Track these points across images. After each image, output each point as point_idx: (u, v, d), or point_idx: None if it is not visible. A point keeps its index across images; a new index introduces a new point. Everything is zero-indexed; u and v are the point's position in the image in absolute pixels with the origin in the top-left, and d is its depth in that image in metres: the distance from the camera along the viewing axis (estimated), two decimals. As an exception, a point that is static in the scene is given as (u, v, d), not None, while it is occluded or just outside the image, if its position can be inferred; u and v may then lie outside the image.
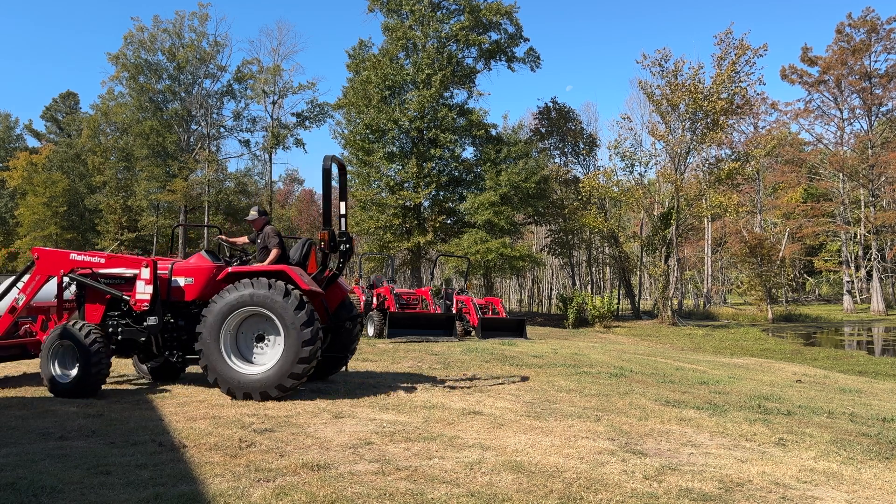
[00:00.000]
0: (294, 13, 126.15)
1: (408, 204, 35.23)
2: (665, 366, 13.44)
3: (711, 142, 35.38)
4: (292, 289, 7.34)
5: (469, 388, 8.77)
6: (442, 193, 36.39)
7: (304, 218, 73.25)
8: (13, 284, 8.49)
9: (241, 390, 7.26)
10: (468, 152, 37.87)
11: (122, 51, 43.98)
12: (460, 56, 36.07)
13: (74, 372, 7.46)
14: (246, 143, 48.61)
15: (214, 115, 46.62)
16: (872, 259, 50.46)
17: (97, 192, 51.16)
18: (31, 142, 68.16)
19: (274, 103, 46.91)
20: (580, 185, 38.81)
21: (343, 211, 8.23)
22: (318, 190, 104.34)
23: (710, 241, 53.31)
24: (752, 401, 8.55)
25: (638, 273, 49.86)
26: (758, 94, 42.39)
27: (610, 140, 58.67)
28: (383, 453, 5.23)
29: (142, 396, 7.69)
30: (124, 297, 7.89)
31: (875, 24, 47.94)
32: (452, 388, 8.75)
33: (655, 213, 38.93)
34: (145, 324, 7.87)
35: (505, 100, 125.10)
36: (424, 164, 34.00)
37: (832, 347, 24.94)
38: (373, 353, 12.86)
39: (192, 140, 46.61)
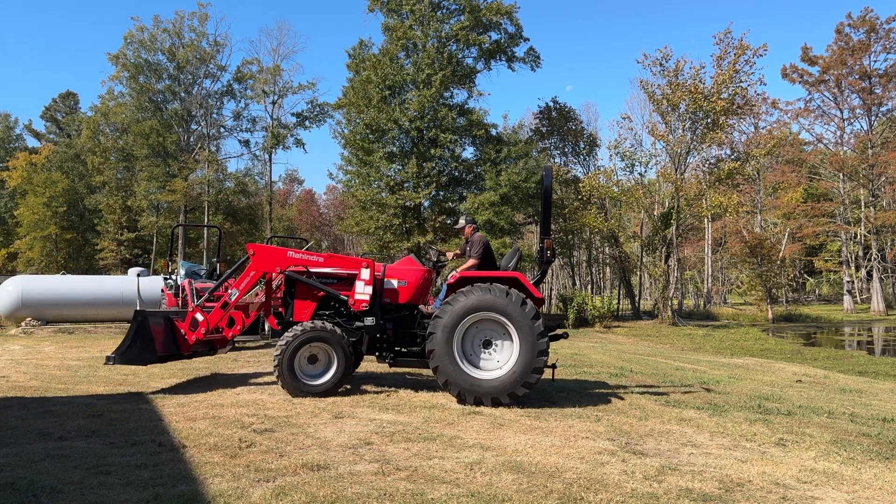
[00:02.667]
0: (294, 13, 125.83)
1: (408, 204, 35.18)
2: (665, 366, 13.45)
3: (712, 142, 35.32)
4: (524, 296, 7.47)
5: (469, 388, 8.76)
6: (442, 193, 36.31)
7: (304, 218, 72.94)
8: (226, 279, 8.56)
9: (473, 395, 7.34)
10: (468, 152, 37.78)
11: (121, 51, 43.92)
12: (460, 56, 36.00)
13: (331, 372, 7.60)
14: (246, 143, 48.58)
15: (214, 115, 46.57)
16: (872, 259, 50.45)
17: (97, 192, 51.10)
18: (31, 142, 68.14)
19: (274, 103, 46.86)
20: (580, 185, 38.76)
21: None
22: (318, 190, 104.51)
23: (710, 241, 53.30)
24: (753, 401, 8.55)
25: (638, 273, 49.81)
26: (758, 94, 42.37)
27: (610, 140, 58.78)
28: (383, 453, 5.23)
29: (142, 396, 7.69)
30: (341, 296, 7.91)
31: (874, 24, 47.97)
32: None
33: (655, 213, 38.90)
34: (359, 323, 7.92)
35: (505, 100, 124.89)
36: (424, 164, 33.94)
37: (832, 347, 24.90)
38: (373, 353, 12.83)
39: (192, 140, 46.57)
